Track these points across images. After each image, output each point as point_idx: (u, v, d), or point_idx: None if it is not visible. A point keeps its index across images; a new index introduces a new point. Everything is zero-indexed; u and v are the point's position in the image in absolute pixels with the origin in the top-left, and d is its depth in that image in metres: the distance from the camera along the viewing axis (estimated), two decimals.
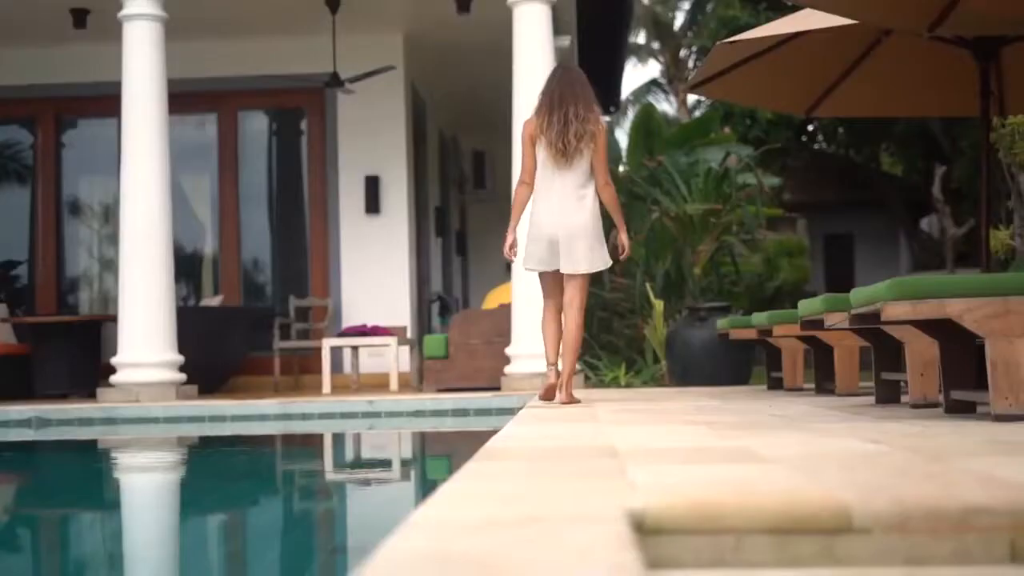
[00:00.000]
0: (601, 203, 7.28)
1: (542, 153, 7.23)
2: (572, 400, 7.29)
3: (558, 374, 7.29)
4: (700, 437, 4.11)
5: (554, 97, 7.27)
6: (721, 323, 9.93)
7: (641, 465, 3.07)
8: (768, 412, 5.78)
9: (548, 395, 7.25)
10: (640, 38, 35.31)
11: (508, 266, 13.25)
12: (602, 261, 7.26)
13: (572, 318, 7.27)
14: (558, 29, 11.47)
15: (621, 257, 7.64)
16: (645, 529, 2.16)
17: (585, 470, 3.05)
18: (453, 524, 2.14)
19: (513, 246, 7.44)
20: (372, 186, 13.51)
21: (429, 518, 2.21)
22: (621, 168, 16.45)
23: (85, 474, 7.29)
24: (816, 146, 27.61)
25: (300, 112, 14.04)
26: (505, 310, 10.96)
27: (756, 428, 4.55)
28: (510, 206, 7.61)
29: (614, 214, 7.42)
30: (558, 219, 7.19)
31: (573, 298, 7.27)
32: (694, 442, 3.90)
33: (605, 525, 2.06)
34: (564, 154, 7.16)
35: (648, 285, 11.65)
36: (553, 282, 7.36)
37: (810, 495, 2.33)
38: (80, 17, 12.47)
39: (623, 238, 7.46)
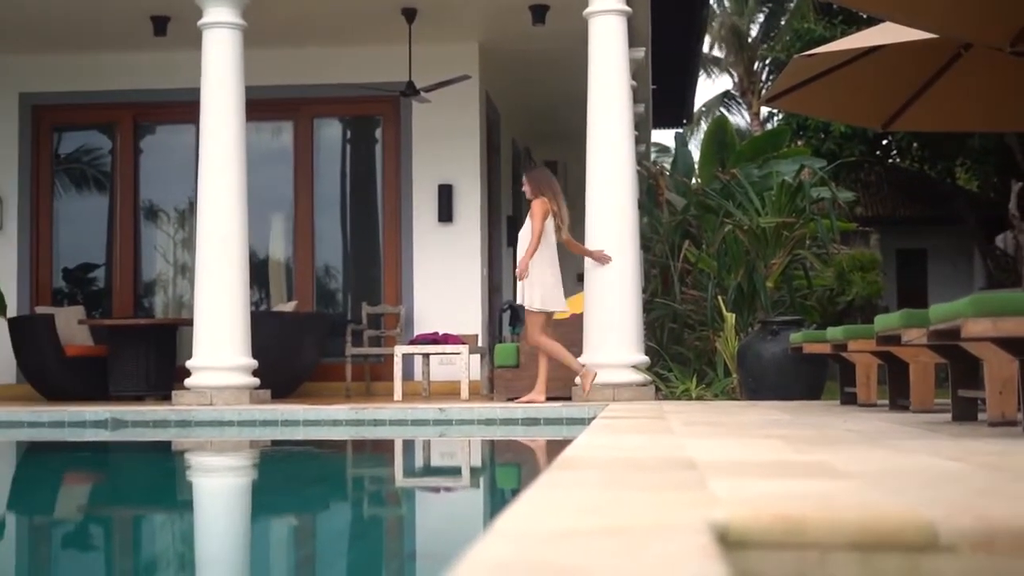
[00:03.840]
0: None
1: (551, 224, 10.21)
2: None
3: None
4: (777, 451, 4.10)
5: (555, 189, 10.44)
6: (795, 337, 9.88)
7: (721, 478, 3.07)
8: (843, 427, 5.74)
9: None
10: (714, 50, 35.21)
11: (579, 276, 13.26)
12: None
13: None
14: (632, 41, 11.46)
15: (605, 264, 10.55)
16: (729, 542, 2.17)
17: (665, 481, 3.05)
18: (536, 533, 2.15)
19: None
20: (445, 195, 13.57)
21: (511, 527, 2.22)
22: (694, 181, 16.41)
23: (159, 475, 7.38)
24: (890, 160, 27.40)
25: (375, 120, 14.13)
26: (577, 320, 10.96)
27: (833, 443, 4.52)
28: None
29: (583, 252, 10.71)
30: (559, 277, 10.24)
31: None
32: (771, 456, 3.88)
33: (689, 537, 2.07)
34: (565, 224, 10.32)
35: (720, 298, 11.61)
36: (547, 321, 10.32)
37: (894, 511, 2.32)
38: (161, 24, 12.63)
39: (597, 254, 10.57)
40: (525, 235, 10.33)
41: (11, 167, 14.10)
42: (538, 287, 10.12)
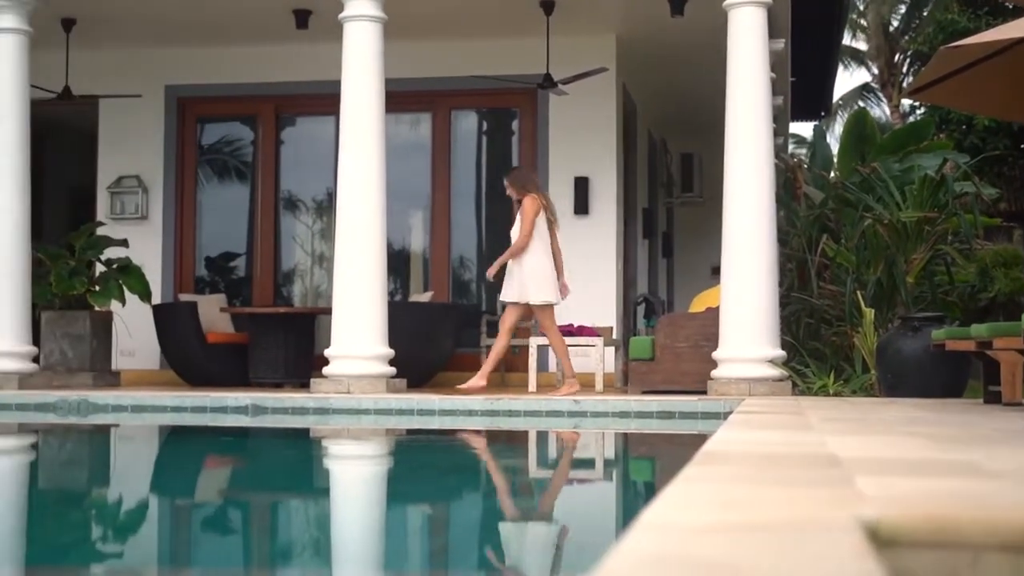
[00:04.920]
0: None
1: (542, 220, 10.45)
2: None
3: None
4: (922, 449, 4.04)
5: (540, 186, 10.94)
6: (937, 334, 9.71)
7: (866, 475, 3.04)
8: (989, 426, 5.64)
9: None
10: (853, 42, 34.72)
11: (715, 269, 13.18)
12: None
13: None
14: (772, 32, 11.34)
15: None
16: (879, 540, 2.14)
17: (809, 478, 3.03)
18: (683, 528, 2.15)
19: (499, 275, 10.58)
20: (581, 187, 13.57)
21: (658, 521, 2.22)
22: (832, 174, 16.20)
23: (298, 461, 7.50)
24: None
25: (512, 113, 14.18)
26: (712, 314, 10.90)
27: (979, 442, 4.45)
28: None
29: (559, 262, 10.67)
30: (553, 267, 10.48)
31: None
32: (917, 454, 3.83)
33: (840, 534, 2.05)
34: (556, 220, 10.66)
35: (858, 293, 11.45)
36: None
37: None
38: (302, 18, 12.81)
39: (564, 287, 10.76)
40: (516, 233, 10.57)
41: (157, 158, 14.43)
42: (536, 280, 10.43)
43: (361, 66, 11.03)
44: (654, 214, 17.77)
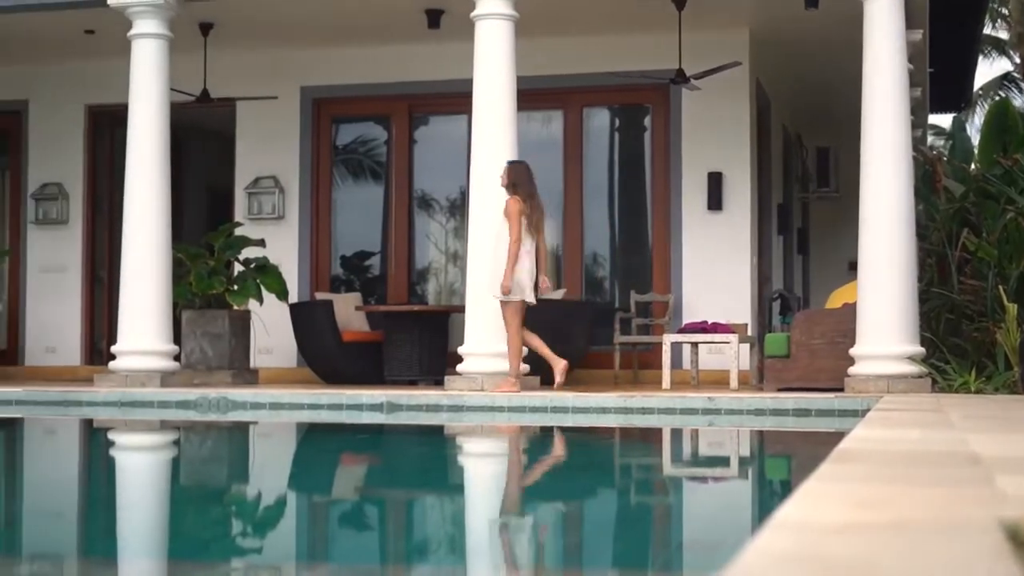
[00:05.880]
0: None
1: (524, 224, 10.47)
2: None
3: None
4: None
5: (530, 189, 10.68)
6: None
7: (1008, 474, 2.97)
8: None
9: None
10: (995, 30, 33.99)
11: (851, 264, 12.99)
12: None
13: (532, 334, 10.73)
14: (910, 22, 11.14)
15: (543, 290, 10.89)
16: (1020, 541, 2.10)
17: (948, 477, 2.97)
18: (818, 527, 2.13)
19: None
20: (715, 183, 13.47)
21: (792, 519, 2.20)
22: (973, 166, 15.86)
23: (432, 457, 7.56)
24: None
25: (644, 109, 14.12)
26: (849, 310, 10.75)
27: None
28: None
29: (542, 266, 10.76)
30: (532, 268, 10.55)
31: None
32: None
33: (979, 535, 2.01)
34: (539, 228, 10.67)
35: (1000, 288, 11.21)
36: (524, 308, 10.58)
37: None
38: (434, 17, 12.89)
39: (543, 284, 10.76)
40: (501, 235, 10.58)
41: (293, 158, 14.64)
42: (500, 277, 10.42)
43: (493, 64, 11.07)
44: (789, 209, 17.57)
